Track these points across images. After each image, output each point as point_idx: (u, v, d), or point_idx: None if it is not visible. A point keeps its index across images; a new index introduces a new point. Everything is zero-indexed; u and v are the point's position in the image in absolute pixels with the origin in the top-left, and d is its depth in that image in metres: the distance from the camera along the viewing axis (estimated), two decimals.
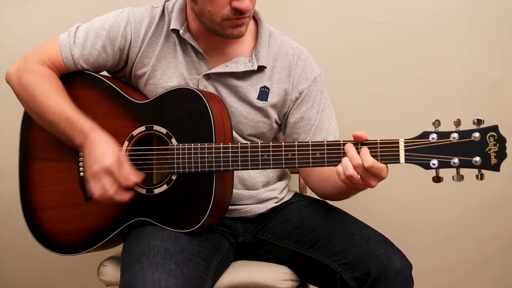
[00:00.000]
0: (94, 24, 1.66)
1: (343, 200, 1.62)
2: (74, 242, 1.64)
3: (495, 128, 1.30)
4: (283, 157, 1.46)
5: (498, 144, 1.29)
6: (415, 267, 1.53)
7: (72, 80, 1.64)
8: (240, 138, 1.67)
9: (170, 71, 1.65)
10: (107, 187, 1.49)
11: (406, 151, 1.35)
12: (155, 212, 1.56)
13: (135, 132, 1.58)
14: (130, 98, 1.61)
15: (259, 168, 1.49)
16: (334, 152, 1.42)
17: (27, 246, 1.84)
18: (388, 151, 1.37)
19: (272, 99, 1.67)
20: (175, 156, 1.53)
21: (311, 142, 1.44)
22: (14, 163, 1.69)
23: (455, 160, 1.31)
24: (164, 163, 1.54)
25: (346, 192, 1.55)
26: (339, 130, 1.74)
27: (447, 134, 1.33)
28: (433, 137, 1.33)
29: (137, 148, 1.59)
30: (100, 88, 1.64)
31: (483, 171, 1.31)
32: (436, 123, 1.34)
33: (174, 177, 1.54)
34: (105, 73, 1.71)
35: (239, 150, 1.49)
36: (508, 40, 2.18)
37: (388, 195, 2.20)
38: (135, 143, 1.59)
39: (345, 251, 1.53)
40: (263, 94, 1.66)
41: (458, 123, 1.32)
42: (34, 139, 1.67)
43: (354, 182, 1.38)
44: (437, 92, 2.20)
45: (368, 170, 1.36)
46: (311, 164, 1.44)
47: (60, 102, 1.57)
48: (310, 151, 1.44)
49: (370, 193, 1.55)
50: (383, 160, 1.37)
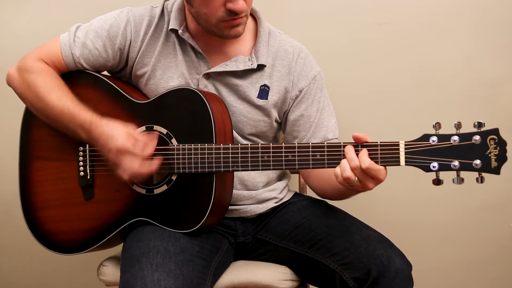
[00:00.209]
0: (94, 24, 1.66)
1: (343, 200, 1.62)
2: (74, 242, 1.64)
3: (495, 131, 1.29)
4: (283, 158, 1.46)
5: (498, 147, 1.29)
6: (415, 267, 1.53)
7: (72, 80, 1.64)
8: (240, 138, 1.67)
9: (170, 71, 1.65)
10: (129, 165, 1.48)
11: (406, 153, 1.35)
12: (155, 212, 1.56)
13: None
14: (131, 98, 1.61)
15: (259, 169, 1.49)
16: (334, 154, 1.42)
17: (27, 246, 1.85)
18: (389, 153, 1.37)
19: (272, 97, 1.67)
20: (175, 156, 1.53)
21: (312, 143, 1.44)
22: (14, 163, 1.69)
23: (456, 163, 1.31)
24: (164, 163, 1.54)
25: (346, 193, 1.55)
26: (339, 130, 1.74)
27: (447, 137, 1.32)
28: (433, 139, 1.33)
29: None
30: (101, 88, 1.63)
31: (483, 174, 1.30)
32: (437, 125, 1.33)
33: (174, 177, 1.54)
34: (105, 73, 1.71)
35: (239, 151, 1.49)
36: (508, 40, 2.18)
37: (388, 196, 2.20)
38: None
39: (345, 251, 1.53)
40: (263, 92, 1.66)
41: (458, 125, 1.32)
42: (35, 138, 1.67)
43: (352, 184, 1.37)
44: (437, 92, 2.20)
45: (366, 172, 1.36)
46: (311, 166, 1.44)
47: (61, 97, 1.57)
48: (311, 153, 1.44)
49: (370, 193, 1.54)
50: (383, 162, 1.37)
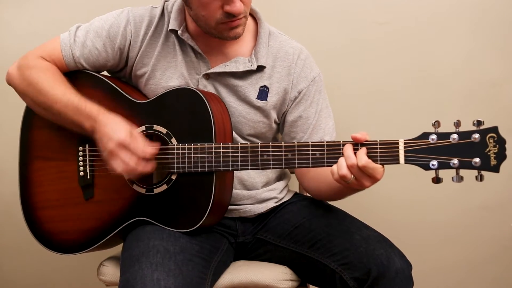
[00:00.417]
0: (94, 24, 1.66)
1: (343, 200, 1.62)
2: (74, 242, 1.64)
3: (495, 129, 1.29)
4: (283, 157, 1.46)
5: (497, 145, 1.29)
6: (415, 267, 1.53)
7: (73, 79, 1.64)
8: (239, 138, 1.67)
9: (170, 71, 1.65)
10: (126, 160, 1.47)
11: (405, 151, 1.35)
12: (155, 212, 1.56)
13: None
14: (131, 98, 1.61)
15: (259, 168, 1.48)
16: (333, 153, 1.41)
17: (27, 246, 1.85)
18: (388, 151, 1.36)
19: (272, 98, 1.67)
20: (175, 156, 1.53)
21: (311, 142, 1.44)
22: (14, 162, 1.69)
23: (455, 161, 1.31)
24: (164, 162, 1.54)
25: (342, 192, 1.55)
26: (338, 130, 1.74)
27: (447, 135, 1.32)
28: (432, 138, 1.33)
29: None
30: (101, 87, 1.64)
31: (483, 172, 1.30)
32: (436, 124, 1.33)
33: (174, 177, 1.54)
34: (105, 73, 1.72)
35: (239, 150, 1.49)
36: (508, 40, 2.17)
37: (388, 195, 2.20)
38: None
39: (345, 251, 1.53)
40: (263, 93, 1.66)
41: (458, 124, 1.32)
42: (35, 138, 1.67)
43: (348, 181, 1.37)
44: (437, 92, 2.20)
45: (362, 170, 1.35)
46: (310, 165, 1.44)
47: (66, 92, 1.57)
48: (310, 152, 1.44)
49: (370, 193, 1.55)
50: (382, 161, 1.37)
